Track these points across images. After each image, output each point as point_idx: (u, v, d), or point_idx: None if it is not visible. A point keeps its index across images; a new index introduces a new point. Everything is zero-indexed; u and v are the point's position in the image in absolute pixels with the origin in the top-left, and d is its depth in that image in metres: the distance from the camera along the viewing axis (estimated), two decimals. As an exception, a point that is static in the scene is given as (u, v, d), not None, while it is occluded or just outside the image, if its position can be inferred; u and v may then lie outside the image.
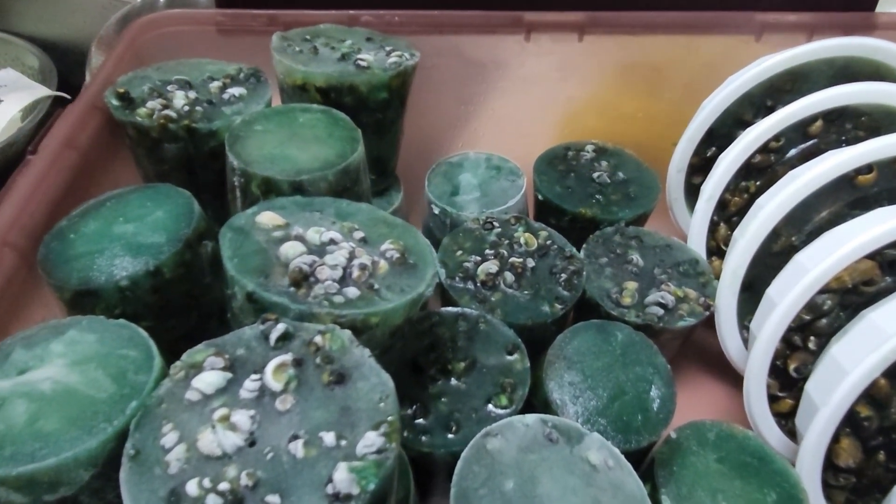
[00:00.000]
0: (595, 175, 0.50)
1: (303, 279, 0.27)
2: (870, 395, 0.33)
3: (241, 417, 0.23)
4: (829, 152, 0.41)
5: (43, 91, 0.67)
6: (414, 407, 0.35)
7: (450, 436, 0.34)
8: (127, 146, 0.40)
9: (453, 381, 0.37)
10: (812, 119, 0.44)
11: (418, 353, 0.38)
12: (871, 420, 0.33)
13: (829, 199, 0.40)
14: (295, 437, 0.23)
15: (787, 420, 0.40)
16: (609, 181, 0.50)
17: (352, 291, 0.27)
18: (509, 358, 0.37)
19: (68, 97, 0.66)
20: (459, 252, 0.43)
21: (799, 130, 0.44)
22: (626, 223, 0.48)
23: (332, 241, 0.30)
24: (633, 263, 0.45)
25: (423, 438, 0.34)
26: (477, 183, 0.50)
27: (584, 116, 0.57)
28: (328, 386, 0.24)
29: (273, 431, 0.23)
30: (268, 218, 0.30)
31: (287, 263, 0.28)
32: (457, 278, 0.42)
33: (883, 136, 0.39)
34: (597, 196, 0.49)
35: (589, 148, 0.53)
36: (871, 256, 0.35)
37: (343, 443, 0.23)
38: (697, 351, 0.50)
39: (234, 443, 0.22)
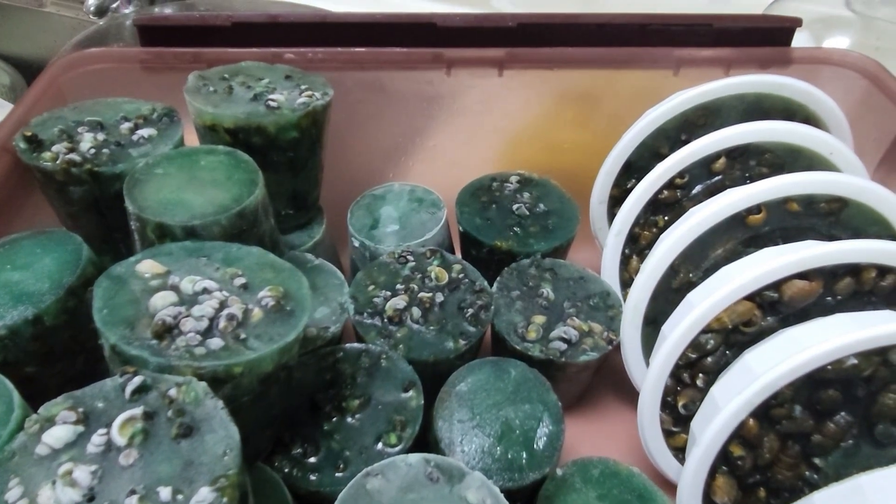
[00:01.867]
0: (515, 207, 0.51)
1: (165, 331, 0.28)
2: (740, 436, 0.34)
3: (82, 473, 0.24)
4: (723, 192, 0.42)
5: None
6: (305, 445, 0.36)
7: (337, 474, 0.35)
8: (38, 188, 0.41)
9: (348, 419, 0.37)
10: (716, 156, 0.45)
11: (318, 389, 0.39)
12: (743, 459, 0.34)
13: (724, 237, 0.41)
14: (132, 493, 0.23)
15: (683, 454, 0.41)
16: (529, 213, 0.51)
17: (215, 342, 0.28)
18: (404, 395, 0.38)
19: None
20: (371, 287, 0.44)
21: (704, 167, 0.45)
22: (543, 255, 0.49)
23: (206, 291, 0.31)
24: (543, 297, 0.46)
25: (312, 477, 0.35)
26: (397, 215, 0.50)
27: (513, 147, 0.58)
28: (175, 439, 0.25)
29: (114, 487, 0.24)
30: (147, 266, 0.31)
31: (154, 315, 0.29)
32: (365, 314, 0.43)
33: (771, 178, 0.40)
34: (515, 228, 0.50)
35: (513, 179, 0.54)
36: (750, 298, 0.36)
37: (179, 497, 0.23)
38: (616, 382, 0.50)
39: (72, 498, 0.23)
